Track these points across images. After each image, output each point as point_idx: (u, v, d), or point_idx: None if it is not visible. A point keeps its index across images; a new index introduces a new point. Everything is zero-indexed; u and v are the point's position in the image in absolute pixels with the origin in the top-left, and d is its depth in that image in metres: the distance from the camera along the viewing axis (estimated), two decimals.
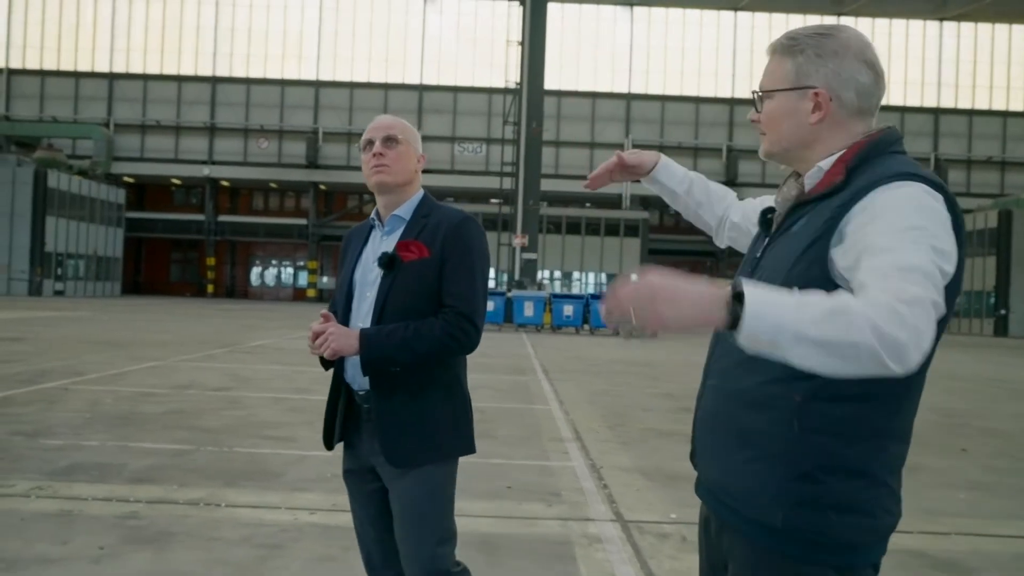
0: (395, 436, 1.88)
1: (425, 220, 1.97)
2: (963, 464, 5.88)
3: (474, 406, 2.02)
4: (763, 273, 1.31)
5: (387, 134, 1.97)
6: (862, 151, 1.27)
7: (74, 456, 4.82)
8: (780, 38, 1.38)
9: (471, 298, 1.92)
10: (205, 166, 42.53)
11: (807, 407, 1.22)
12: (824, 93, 1.30)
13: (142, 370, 9.36)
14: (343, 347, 1.85)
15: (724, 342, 1.36)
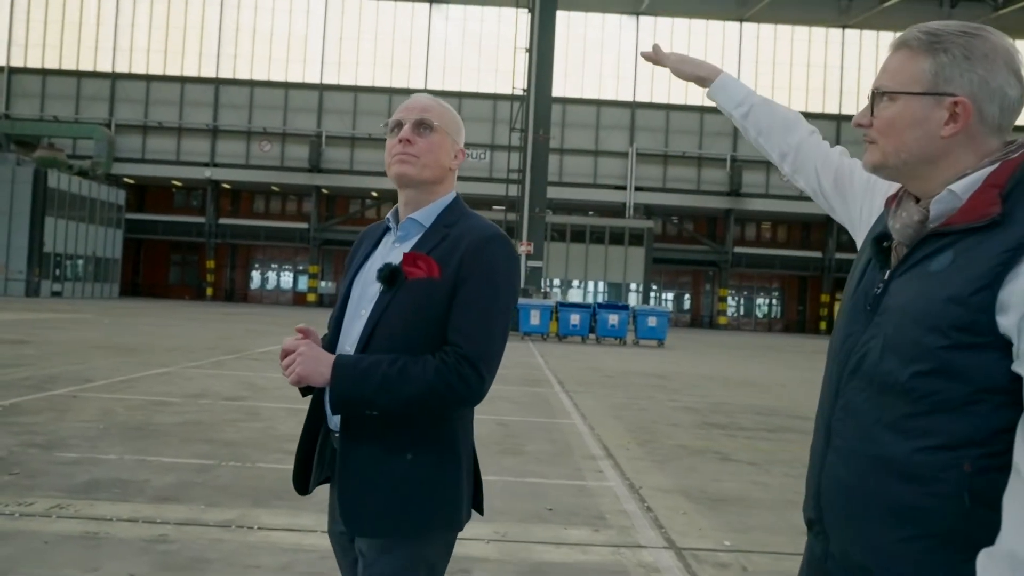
0: (356, 498, 1.51)
1: (447, 231, 1.59)
2: None
3: (496, 419, 1.64)
4: (892, 318, 1.12)
5: (420, 117, 1.61)
6: (1016, 173, 1.08)
7: (92, 471, 4.61)
8: (915, 31, 1.17)
9: (482, 339, 1.51)
10: (207, 168, 42.28)
11: (979, 478, 1.05)
12: (967, 103, 1.11)
13: (152, 377, 9.14)
14: (310, 374, 1.49)
15: (850, 397, 1.17)
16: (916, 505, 1.09)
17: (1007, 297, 1.01)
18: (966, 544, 1.06)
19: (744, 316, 46.98)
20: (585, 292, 37.97)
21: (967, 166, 1.13)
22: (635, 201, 42.09)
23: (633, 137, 42.70)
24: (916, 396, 1.08)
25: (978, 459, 1.05)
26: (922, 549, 1.09)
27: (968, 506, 1.06)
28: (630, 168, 42.26)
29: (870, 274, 1.22)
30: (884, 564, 1.12)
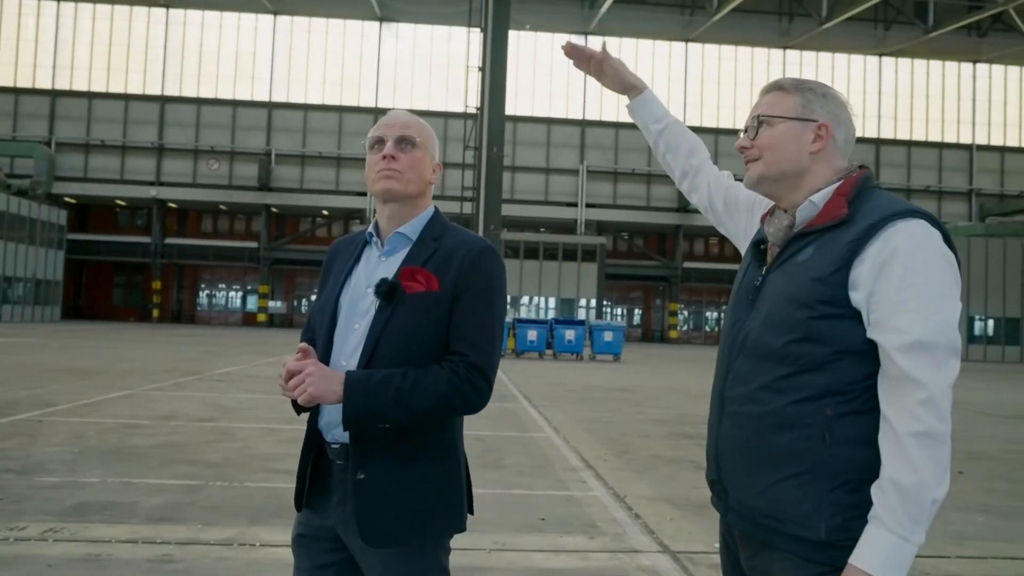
0: (374, 511, 1.54)
1: (436, 244, 1.62)
2: (966, 487, 5.98)
3: (471, 434, 1.72)
4: (768, 301, 1.39)
5: (402, 134, 1.64)
6: (857, 185, 1.40)
7: (78, 495, 4.55)
8: (786, 79, 1.51)
9: (486, 347, 1.56)
10: (152, 187, 41.41)
11: (838, 420, 1.30)
12: (827, 126, 1.44)
13: (115, 400, 8.96)
14: (323, 393, 1.49)
15: (737, 369, 1.42)
16: (790, 448, 1.32)
17: (856, 277, 1.30)
18: (830, 476, 1.29)
19: (694, 330, 47.80)
20: (539, 308, 38.19)
21: (824, 181, 1.43)
22: (586, 218, 42.64)
23: (583, 155, 43.31)
24: (789, 360, 1.33)
25: (837, 405, 1.30)
26: (797, 484, 1.30)
27: (829, 444, 1.29)
28: (581, 185, 42.83)
29: (751, 272, 1.49)
30: (769, 503, 1.33)
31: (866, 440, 1.29)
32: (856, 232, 1.32)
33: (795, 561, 1.30)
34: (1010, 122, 44.81)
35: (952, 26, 38.88)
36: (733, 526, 1.43)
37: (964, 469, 6.70)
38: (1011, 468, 6.94)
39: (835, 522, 1.27)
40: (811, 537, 1.28)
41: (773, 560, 1.33)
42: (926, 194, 44.53)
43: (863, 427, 1.29)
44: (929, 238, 1.30)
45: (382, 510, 1.53)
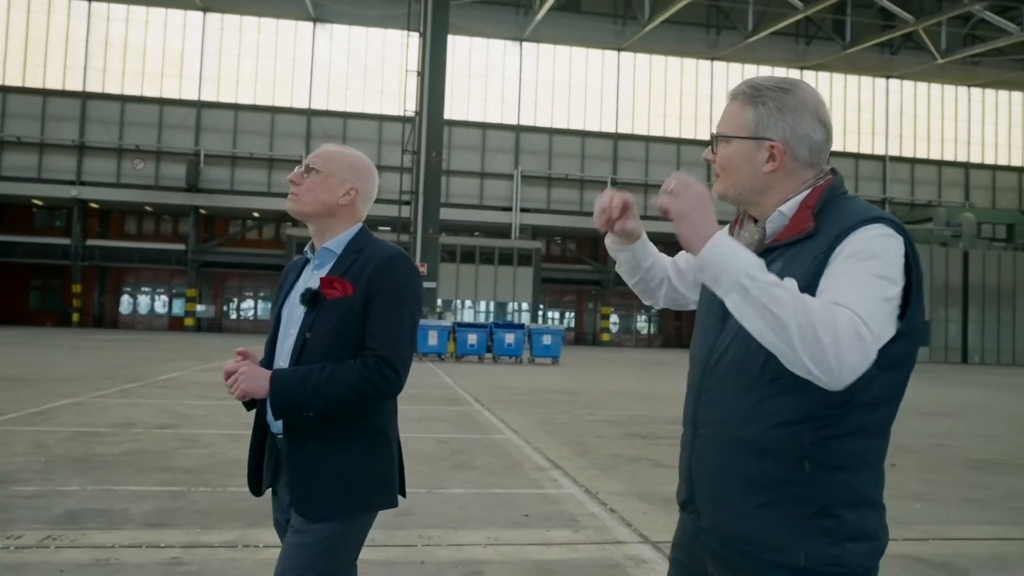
0: (306, 486, 1.75)
1: (356, 255, 1.85)
2: (900, 478, 6.49)
3: (434, 437, 1.92)
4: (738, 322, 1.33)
5: (307, 162, 1.91)
6: (823, 196, 1.36)
7: (64, 503, 4.54)
8: (743, 85, 1.44)
9: (395, 341, 1.78)
10: (73, 187, 39.83)
11: (817, 446, 1.28)
12: (780, 147, 1.37)
13: (64, 408, 8.76)
14: (253, 388, 1.73)
15: (711, 392, 1.40)
16: (767, 474, 1.30)
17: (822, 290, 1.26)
18: (811, 502, 1.28)
19: (625, 333, 48.79)
20: (475, 312, 38.39)
21: (791, 191, 1.39)
22: (521, 222, 43.05)
23: (518, 160, 43.72)
24: (764, 383, 1.30)
25: (814, 432, 1.28)
26: (775, 511, 1.30)
27: (808, 471, 1.28)
28: (515, 190, 43.22)
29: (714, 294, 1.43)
30: (748, 528, 1.32)
31: (844, 466, 1.29)
32: (823, 245, 1.29)
33: None
34: (919, 135, 47.40)
35: (867, 43, 40.93)
36: (707, 549, 1.41)
37: (896, 462, 7.24)
38: (938, 460, 7.52)
39: (814, 548, 1.27)
40: (790, 563, 1.28)
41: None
42: None
43: (840, 451, 1.29)
44: (886, 237, 1.28)
45: (312, 487, 1.75)
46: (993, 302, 37.77)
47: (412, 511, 4.68)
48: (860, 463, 1.31)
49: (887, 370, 1.30)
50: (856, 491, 1.31)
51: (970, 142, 47.75)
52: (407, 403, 10.69)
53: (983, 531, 4.82)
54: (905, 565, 4.01)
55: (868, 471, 1.33)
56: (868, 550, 1.31)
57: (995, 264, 38.24)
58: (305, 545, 1.75)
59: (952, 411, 12.60)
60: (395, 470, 1.86)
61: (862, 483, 1.32)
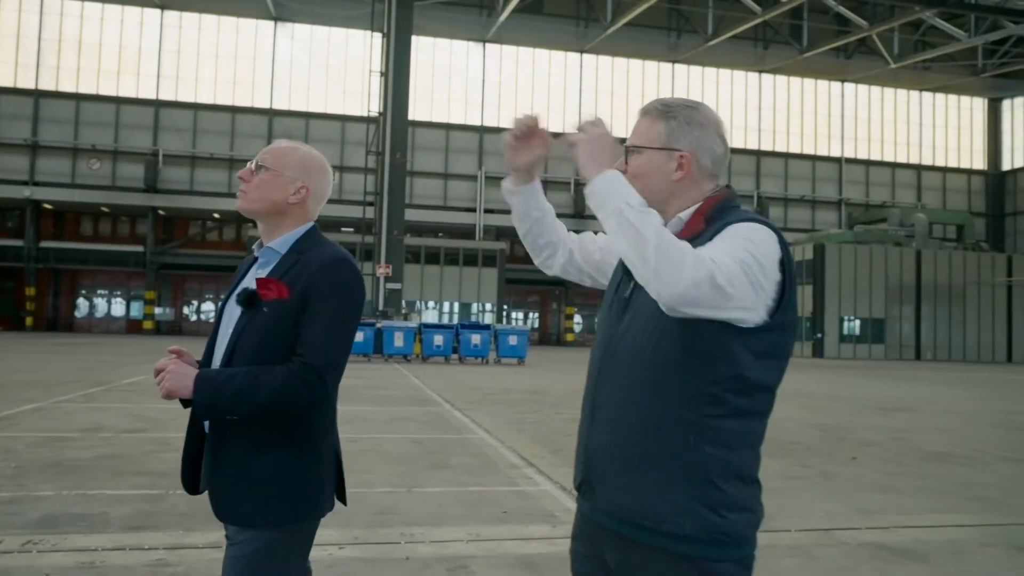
0: (225, 489, 1.73)
1: (299, 256, 1.80)
2: (862, 471, 6.73)
3: (408, 437, 1.75)
4: (637, 312, 1.49)
5: (257, 159, 1.88)
6: (717, 204, 1.52)
7: (40, 508, 4.51)
8: (655, 103, 1.59)
9: (324, 349, 1.72)
10: (26, 187, 38.85)
11: (699, 424, 1.40)
12: (688, 157, 1.53)
13: (27, 413, 8.61)
14: (177, 388, 1.70)
15: (609, 377, 1.51)
16: (659, 451, 1.41)
17: None
18: (695, 476, 1.40)
19: (589, 333, 49.12)
20: (440, 313, 38.36)
21: (693, 200, 1.54)
22: (485, 223, 43.14)
23: (482, 161, 43.79)
24: (655, 365, 1.43)
25: (697, 409, 1.40)
26: (665, 484, 1.41)
27: (693, 447, 1.40)
28: (479, 191, 43.29)
29: (622, 285, 1.59)
30: (639, 501, 1.43)
31: (727, 443, 1.40)
32: (707, 238, 1.44)
33: (664, 555, 1.40)
34: (873, 137, 48.58)
35: (823, 48, 41.84)
36: (603, 529, 1.49)
37: (858, 455, 7.50)
38: (897, 453, 7.79)
39: (698, 518, 1.38)
40: (678, 532, 1.39)
41: (644, 555, 1.43)
42: (801, 203, 47.58)
43: (721, 429, 1.40)
44: (763, 231, 1.41)
45: (232, 491, 1.72)
46: (945, 300, 38.88)
47: (394, 509, 4.74)
48: (740, 443, 1.42)
49: (763, 358, 1.43)
50: (736, 467, 1.41)
51: (922, 145, 49.09)
52: (378, 404, 10.72)
53: (940, 519, 5.04)
54: (870, 552, 4.19)
55: (747, 451, 1.44)
56: (747, 521, 1.42)
57: (946, 263, 39.37)
58: (240, 557, 1.72)
59: (908, 406, 13.01)
60: (324, 477, 1.78)
61: (741, 460, 1.42)
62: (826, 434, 9.01)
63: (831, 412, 11.60)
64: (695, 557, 1.38)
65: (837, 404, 12.99)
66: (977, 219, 47.64)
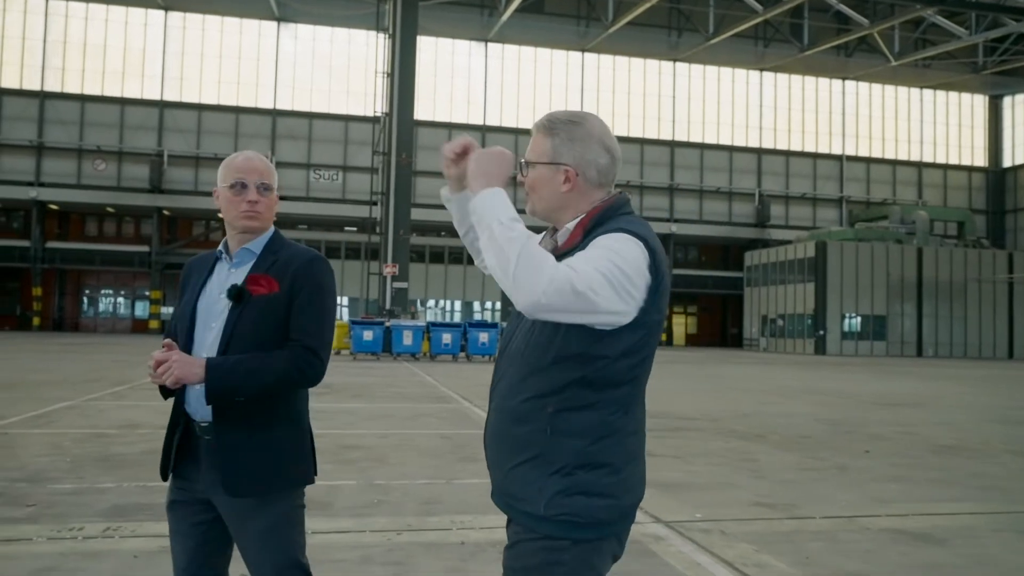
0: (238, 468, 1.88)
1: (275, 256, 2.00)
2: (875, 463, 6.99)
3: (435, 433, 1.97)
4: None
5: (263, 181, 2.01)
6: (597, 216, 1.61)
7: (107, 498, 4.77)
8: (543, 119, 1.68)
9: (318, 333, 1.95)
10: (32, 188, 39.10)
11: (557, 416, 1.53)
12: (572, 171, 1.62)
13: (61, 411, 8.87)
14: (187, 375, 1.83)
15: (500, 371, 1.67)
16: (524, 439, 1.56)
17: None
18: (550, 462, 1.53)
19: None
20: (444, 312, 38.60)
21: (583, 209, 1.64)
22: None
23: None
24: (525, 362, 1.58)
25: (556, 403, 1.53)
26: (527, 469, 1.55)
27: (550, 435, 1.53)
28: None
29: None
30: (509, 484, 1.58)
31: (579, 432, 1.52)
32: (578, 251, 1.54)
33: (525, 532, 1.55)
34: (874, 135, 48.85)
35: (824, 46, 42.11)
36: (497, 504, 1.66)
37: (870, 448, 7.77)
38: (906, 446, 8.06)
39: (552, 500, 1.51)
40: (534, 512, 1.52)
41: (515, 532, 1.58)
42: (802, 201, 47.86)
43: (576, 422, 1.52)
44: (628, 240, 1.51)
45: (242, 467, 1.89)
46: (946, 297, 39.16)
47: (438, 500, 5.00)
48: (597, 434, 1.53)
49: (625, 356, 1.55)
50: (591, 456, 1.51)
51: (923, 142, 49.37)
52: (397, 402, 10.99)
53: (954, 507, 5.31)
54: (891, 537, 4.45)
55: (607, 440, 1.53)
56: (603, 506, 1.52)
57: (947, 260, 39.65)
58: (262, 529, 1.89)
59: (913, 402, 13.28)
60: (310, 451, 2.03)
61: (598, 449, 1.52)
62: (836, 429, 9.27)
63: (838, 408, 11.87)
64: (549, 536, 1.51)
65: (843, 400, 13.26)
66: (978, 216, 47.95)
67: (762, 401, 12.53)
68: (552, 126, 1.64)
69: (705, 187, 46.26)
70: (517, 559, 1.55)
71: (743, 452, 7.30)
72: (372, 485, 5.43)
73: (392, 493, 5.17)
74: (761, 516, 4.86)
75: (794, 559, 3.94)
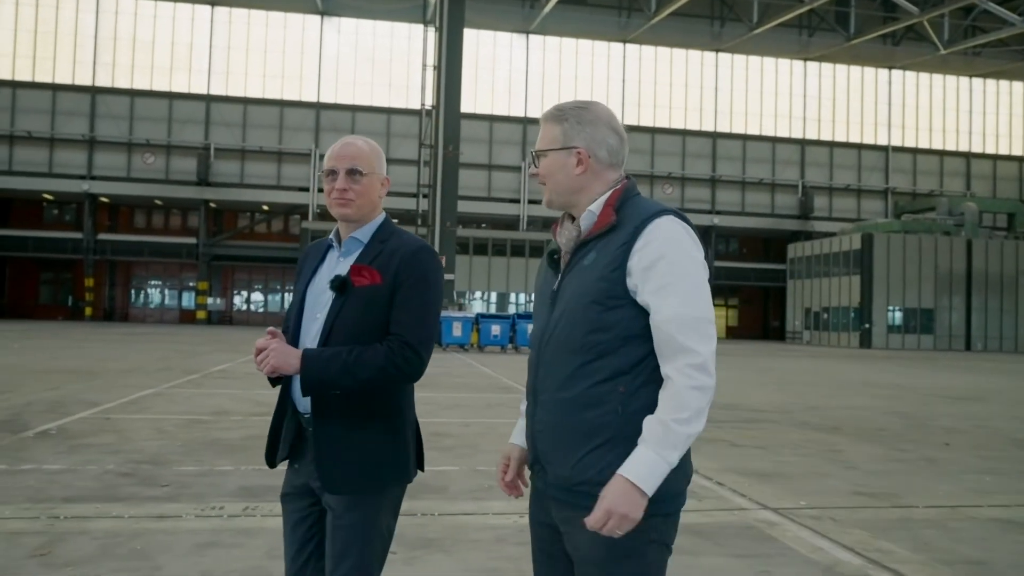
0: (332, 463, 1.86)
1: (382, 246, 1.95)
2: (959, 455, 7.00)
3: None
4: (567, 300, 1.63)
5: (351, 166, 1.95)
6: (622, 195, 1.66)
7: (232, 481, 5.00)
8: (550, 110, 1.73)
9: (419, 328, 1.89)
10: (84, 181, 40.08)
11: (629, 395, 1.56)
12: (584, 152, 1.67)
13: (149, 397, 9.20)
14: (282, 365, 1.82)
15: (545, 364, 1.65)
16: (594, 424, 1.56)
17: (630, 268, 1.56)
18: (627, 440, 1.53)
19: None
20: (487, 303, 38.85)
21: (598, 192, 1.68)
22: (528, 214, 43.49)
23: (525, 152, 44.06)
24: (586, 350, 1.57)
25: (627, 383, 1.56)
26: (602, 452, 1.55)
27: (623, 415, 1.55)
28: (523, 182, 43.61)
29: (548, 279, 1.74)
30: (581, 472, 1.57)
31: (652, 407, 1.52)
32: (625, 235, 1.57)
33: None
34: (921, 125, 47.97)
35: (871, 35, 41.42)
36: (552, 498, 1.64)
37: (950, 441, 7.77)
38: (985, 439, 8.04)
39: None
40: None
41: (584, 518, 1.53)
42: (847, 192, 47.21)
43: (649, 397, 1.54)
44: (678, 231, 1.57)
45: (339, 464, 1.86)
46: (996, 290, 38.41)
47: None
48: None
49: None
50: None
51: (971, 132, 48.35)
52: (463, 391, 11.18)
53: None
54: (1000, 526, 4.51)
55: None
56: (677, 477, 1.55)
57: (997, 253, 38.86)
58: (349, 526, 1.86)
59: (976, 396, 13.15)
60: (410, 447, 1.96)
61: None
62: (908, 422, 9.26)
63: (901, 401, 11.81)
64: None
65: (904, 393, 13.17)
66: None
67: (824, 394, 12.51)
68: (561, 114, 1.69)
69: (747, 179, 45.86)
70: (601, 545, 1.53)
71: (824, 443, 7.35)
72: (476, 471, 5.61)
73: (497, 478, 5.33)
74: (865, 505, 4.93)
75: (912, 545, 4.03)
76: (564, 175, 1.66)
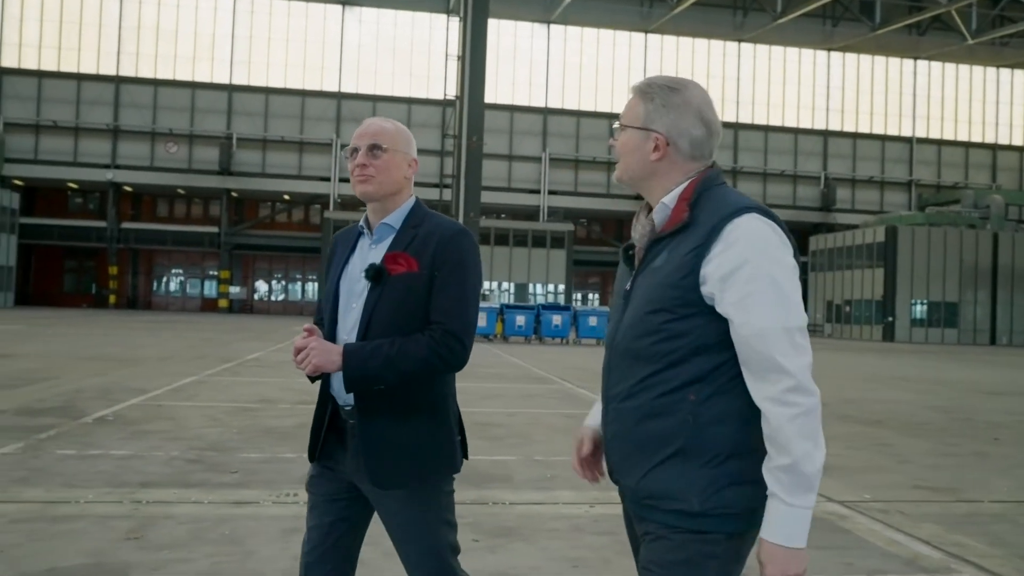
0: (379, 458, 1.80)
1: (415, 231, 1.87)
2: (1011, 450, 6.96)
3: (556, 412, 1.65)
4: (636, 304, 1.50)
5: (372, 142, 1.88)
6: (697, 187, 1.49)
7: (298, 468, 5.05)
8: (641, 82, 1.57)
9: (460, 315, 1.82)
10: (108, 170, 40.43)
11: (701, 405, 1.44)
12: (663, 139, 1.51)
13: (192, 385, 9.31)
14: (324, 363, 1.76)
15: (614, 370, 1.55)
16: (662, 434, 1.45)
17: (705, 275, 1.41)
18: (699, 452, 1.43)
19: None
20: (508, 293, 38.89)
21: (675, 182, 1.52)
22: (548, 204, 43.45)
23: (546, 142, 44.03)
24: (654, 359, 1.45)
25: (698, 391, 1.44)
26: (673, 464, 1.44)
27: (694, 426, 1.43)
28: (543, 172, 43.58)
29: (623, 277, 1.60)
30: (651, 485, 1.46)
31: (726, 418, 1.43)
32: (698, 238, 1.42)
33: (675, 531, 1.43)
34: (946, 117, 47.44)
35: (896, 25, 40.97)
36: (629, 509, 1.56)
37: (999, 436, 7.73)
38: None
39: (707, 494, 1.41)
40: (687, 509, 1.41)
41: (656, 526, 1.47)
42: (870, 184, 46.83)
43: (723, 407, 1.43)
44: (763, 232, 1.41)
45: (386, 458, 1.80)
46: (1022, 284, 38.00)
47: None
48: (742, 419, 1.43)
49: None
50: (739, 443, 1.43)
51: (998, 123, 47.77)
52: (498, 382, 11.23)
53: None
54: None
55: (752, 425, 1.43)
56: (752, 493, 1.42)
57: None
58: (402, 522, 1.84)
59: (1013, 390, 13.06)
60: (455, 438, 1.91)
61: (746, 436, 1.43)
62: (951, 416, 9.21)
63: (940, 395, 11.74)
64: (701, 530, 1.42)
65: (940, 388, 13.09)
66: None
67: (859, 387, 12.45)
68: (649, 91, 1.54)
69: (769, 170, 45.57)
70: (666, 553, 1.45)
71: (872, 437, 7.33)
72: (533, 461, 5.64)
73: (556, 468, 5.36)
74: (929, 499, 4.93)
75: (987, 540, 4.02)
76: (638, 158, 1.53)
